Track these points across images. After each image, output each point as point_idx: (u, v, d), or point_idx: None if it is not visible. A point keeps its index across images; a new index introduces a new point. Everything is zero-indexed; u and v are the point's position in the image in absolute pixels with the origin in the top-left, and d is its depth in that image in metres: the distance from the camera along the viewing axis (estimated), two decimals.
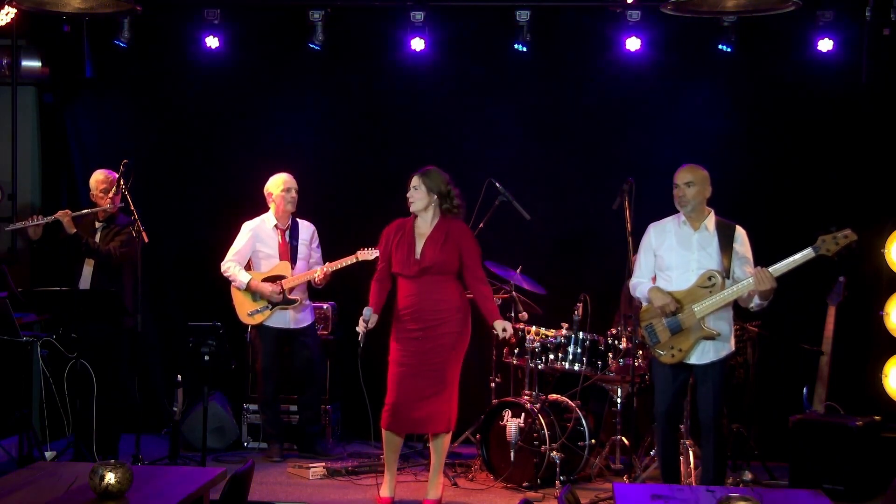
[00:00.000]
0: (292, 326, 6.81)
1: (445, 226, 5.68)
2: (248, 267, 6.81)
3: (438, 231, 5.67)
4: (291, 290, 6.71)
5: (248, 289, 6.70)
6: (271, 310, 6.72)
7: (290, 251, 6.76)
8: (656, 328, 5.37)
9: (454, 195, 5.73)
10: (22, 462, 6.06)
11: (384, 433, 5.73)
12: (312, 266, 6.79)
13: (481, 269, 5.77)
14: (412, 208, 5.69)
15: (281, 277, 6.70)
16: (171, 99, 7.67)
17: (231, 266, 6.73)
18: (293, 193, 6.73)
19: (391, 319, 5.75)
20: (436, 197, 5.67)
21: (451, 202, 5.71)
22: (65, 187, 7.62)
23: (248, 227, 6.80)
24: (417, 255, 5.64)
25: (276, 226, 6.77)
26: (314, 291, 6.94)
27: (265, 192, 6.78)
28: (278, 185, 6.72)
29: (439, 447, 5.73)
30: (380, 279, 5.81)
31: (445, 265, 5.63)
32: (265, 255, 6.78)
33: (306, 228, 6.87)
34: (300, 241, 6.80)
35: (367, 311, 5.64)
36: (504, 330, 5.65)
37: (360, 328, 5.59)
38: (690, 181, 5.35)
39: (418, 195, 5.66)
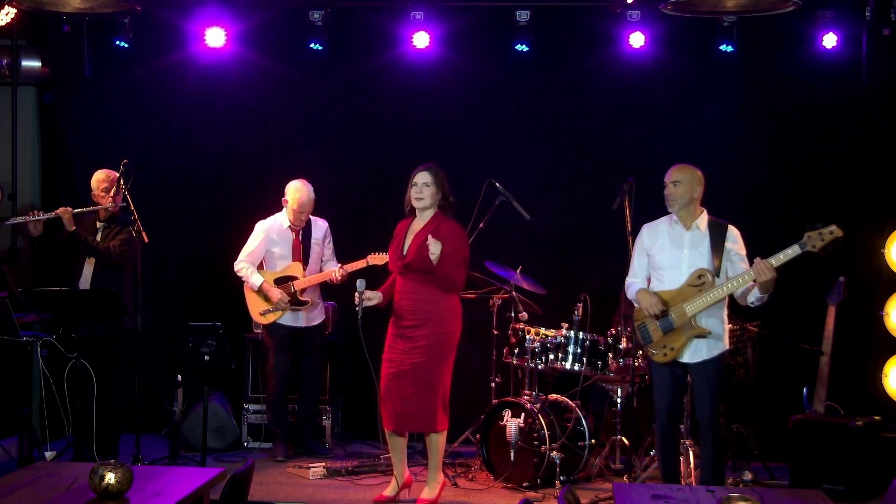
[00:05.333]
0: (303, 325, 6.81)
1: (436, 224, 5.62)
2: (261, 266, 6.79)
3: (427, 228, 5.61)
4: (303, 291, 6.70)
5: (260, 291, 6.70)
6: (283, 309, 6.72)
7: (303, 251, 6.75)
8: (649, 327, 5.38)
9: (450, 193, 5.71)
10: (22, 462, 6.06)
11: (386, 432, 5.78)
12: (325, 264, 6.79)
13: (453, 267, 5.54)
14: (420, 205, 5.60)
15: (293, 278, 6.69)
16: (171, 99, 7.65)
17: (244, 267, 6.71)
18: (303, 217, 6.66)
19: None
20: (440, 195, 5.65)
21: (447, 199, 5.67)
22: (65, 187, 7.61)
23: (261, 227, 6.76)
24: (404, 251, 5.65)
25: (290, 226, 6.76)
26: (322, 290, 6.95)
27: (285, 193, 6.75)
28: (294, 198, 6.64)
29: (432, 447, 5.75)
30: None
31: (424, 262, 5.53)
32: (279, 255, 6.75)
33: (319, 227, 6.85)
34: (313, 241, 6.78)
35: (360, 283, 5.59)
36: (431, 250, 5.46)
37: (356, 300, 5.56)
38: (678, 180, 5.37)
39: (429, 192, 5.58)
